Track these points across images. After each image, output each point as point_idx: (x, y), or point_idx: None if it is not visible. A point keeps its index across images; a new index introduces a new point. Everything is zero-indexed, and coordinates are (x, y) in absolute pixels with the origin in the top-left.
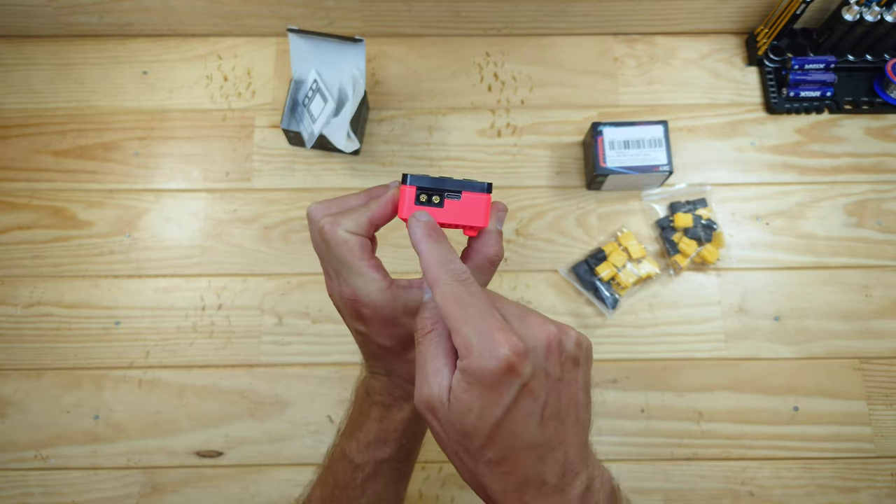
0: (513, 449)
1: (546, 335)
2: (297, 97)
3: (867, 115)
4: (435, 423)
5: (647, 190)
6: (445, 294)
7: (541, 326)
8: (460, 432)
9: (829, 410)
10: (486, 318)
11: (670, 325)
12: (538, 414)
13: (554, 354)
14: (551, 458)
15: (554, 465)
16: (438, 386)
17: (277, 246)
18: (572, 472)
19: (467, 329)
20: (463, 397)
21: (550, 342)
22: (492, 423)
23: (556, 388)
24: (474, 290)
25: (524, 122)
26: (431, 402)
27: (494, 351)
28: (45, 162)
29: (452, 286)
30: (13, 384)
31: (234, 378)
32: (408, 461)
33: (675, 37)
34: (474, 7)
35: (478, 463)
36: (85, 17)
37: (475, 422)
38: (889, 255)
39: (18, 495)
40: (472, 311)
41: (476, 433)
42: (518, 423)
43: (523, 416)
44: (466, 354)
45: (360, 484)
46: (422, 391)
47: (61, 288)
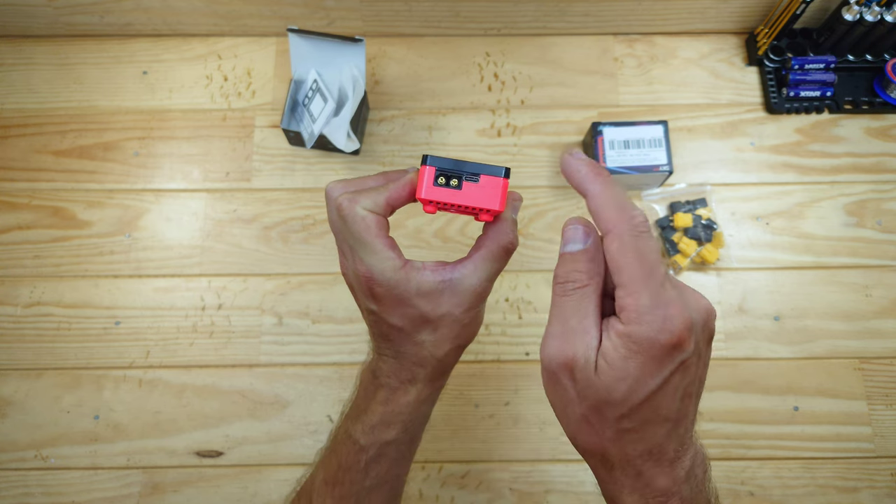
0: (650, 421)
1: (706, 312)
2: (297, 97)
3: (867, 115)
4: (569, 384)
5: (647, 190)
6: (627, 246)
7: (700, 300)
8: (604, 399)
9: (829, 410)
10: (664, 285)
11: None
12: (682, 389)
13: (708, 330)
14: (676, 432)
15: (677, 438)
16: (586, 346)
17: (277, 246)
18: (684, 447)
19: (644, 292)
20: (620, 364)
21: (709, 320)
22: (644, 395)
23: (700, 367)
24: (654, 247)
25: (524, 121)
26: (574, 361)
27: (669, 324)
28: (45, 162)
29: (636, 237)
30: (13, 384)
31: (234, 378)
32: (412, 444)
33: (675, 37)
34: (474, 7)
35: (608, 429)
36: (85, 17)
37: (626, 391)
38: (889, 255)
39: (18, 495)
40: (653, 272)
41: (623, 403)
42: (666, 397)
43: (672, 391)
44: (636, 319)
45: (365, 466)
46: (563, 349)
47: (61, 288)
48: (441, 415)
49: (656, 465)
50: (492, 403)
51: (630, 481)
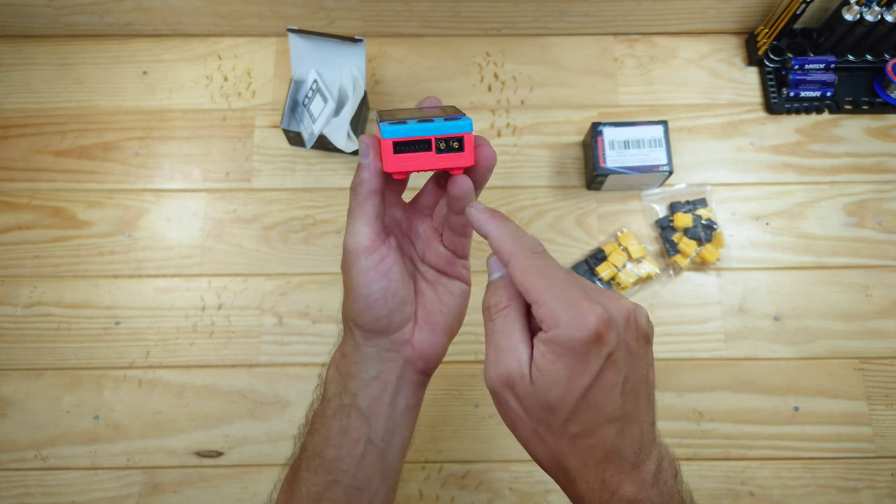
0: (595, 422)
1: (625, 309)
2: (298, 97)
3: (867, 115)
4: (513, 401)
5: (647, 190)
6: (525, 267)
7: (619, 300)
8: (544, 406)
9: (830, 410)
10: (569, 289)
11: (670, 325)
12: (620, 386)
13: (632, 328)
14: (629, 433)
15: (632, 440)
16: (518, 362)
17: (277, 246)
18: (646, 450)
19: (551, 299)
20: (550, 369)
21: (630, 316)
22: (579, 394)
23: (634, 363)
24: (551, 262)
25: (524, 122)
26: (511, 378)
27: (583, 320)
28: (45, 162)
29: (530, 258)
30: (13, 384)
31: (234, 378)
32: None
33: (675, 37)
34: (474, 7)
35: (560, 439)
36: (85, 17)
37: (562, 393)
38: (889, 255)
39: (18, 495)
40: (554, 282)
41: (562, 406)
42: (603, 394)
43: (608, 387)
44: (553, 325)
45: (390, 401)
46: (499, 368)
47: (61, 288)
48: (441, 415)
49: (618, 472)
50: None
51: (597, 494)
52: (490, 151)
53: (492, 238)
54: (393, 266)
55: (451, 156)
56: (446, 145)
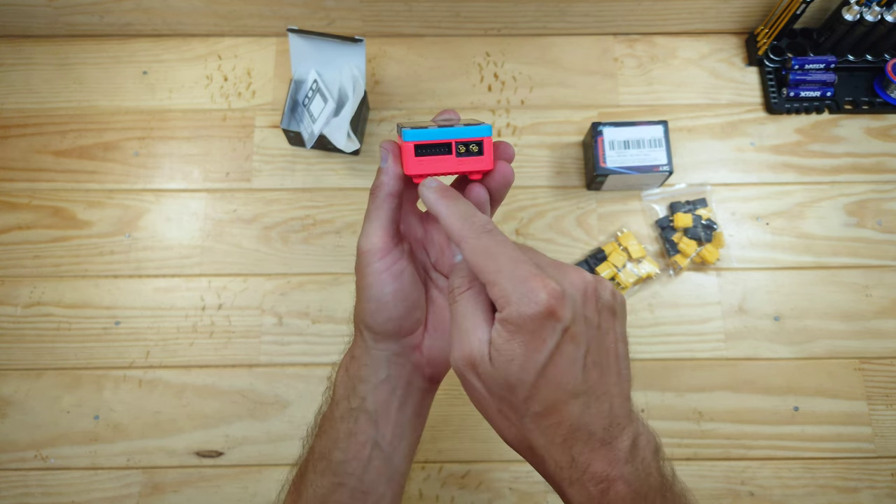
0: (557, 398)
1: (582, 282)
2: (297, 97)
3: (867, 115)
4: (476, 381)
5: (647, 190)
6: (474, 247)
7: (576, 274)
8: (504, 385)
9: (829, 410)
10: (519, 266)
11: (670, 325)
12: (581, 360)
13: (591, 301)
14: (596, 409)
15: (599, 415)
16: (479, 341)
17: (277, 246)
18: (618, 426)
19: (502, 278)
20: (505, 347)
21: (587, 288)
22: (536, 371)
23: (596, 336)
24: (502, 240)
25: (524, 122)
26: (472, 358)
27: (532, 296)
28: (45, 162)
29: (480, 238)
30: (13, 384)
31: (234, 378)
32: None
33: (675, 37)
34: (474, 7)
35: (523, 418)
36: (85, 17)
37: (519, 371)
38: (889, 255)
39: (18, 495)
40: (503, 260)
41: (520, 384)
42: (562, 369)
43: (567, 362)
44: (505, 304)
45: (398, 406)
46: (462, 349)
47: (61, 288)
48: (441, 415)
49: (587, 449)
50: None
51: (567, 472)
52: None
53: (442, 219)
54: (405, 270)
55: (470, 159)
56: (466, 149)
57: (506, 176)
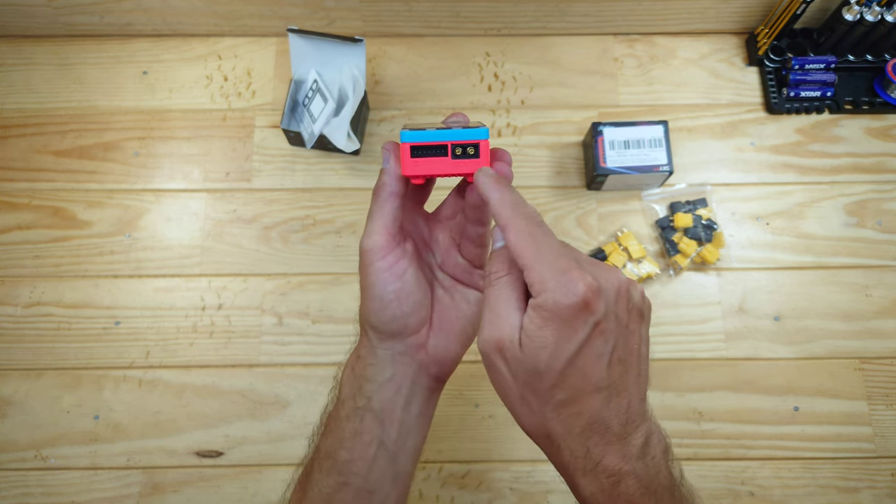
0: (581, 390)
1: (618, 281)
2: (298, 97)
3: (867, 115)
4: (502, 365)
5: (647, 190)
6: (521, 234)
7: (612, 273)
8: (531, 371)
9: (830, 410)
10: (560, 257)
11: (670, 325)
12: (608, 355)
13: (623, 300)
14: (616, 404)
15: (618, 411)
16: (510, 326)
17: (277, 246)
18: (633, 423)
19: (542, 266)
20: (537, 334)
21: (621, 288)
22: (565, 360)
23: (623, 334)
24: (547, 231)
25: (524, 122)
26: (502, 342)
27: (571, 287)
28: (45, 162)
29: (527, 226)
30: (13, 384)
31: (234, 378)
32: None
33: (675, 37)
34: (474, 7)
35: (546, 405)
36: (85, 17)
37: (548, 359)
38: (889, 255)
39: (18, 495)
40: (546, 249)
41: (548, 371)
42: (589, 361)
43: (594, 356)
44: (542, 290)
45: (404, 405)
46: (492, 332)
47: (61, 288)
48: (441, 415)
49: (603, 442)
50: (492, 403)
51: (581, 462)
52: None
53: (493, 204)
54: (408, 269)
55: (466, 162)
56: (462, 151)
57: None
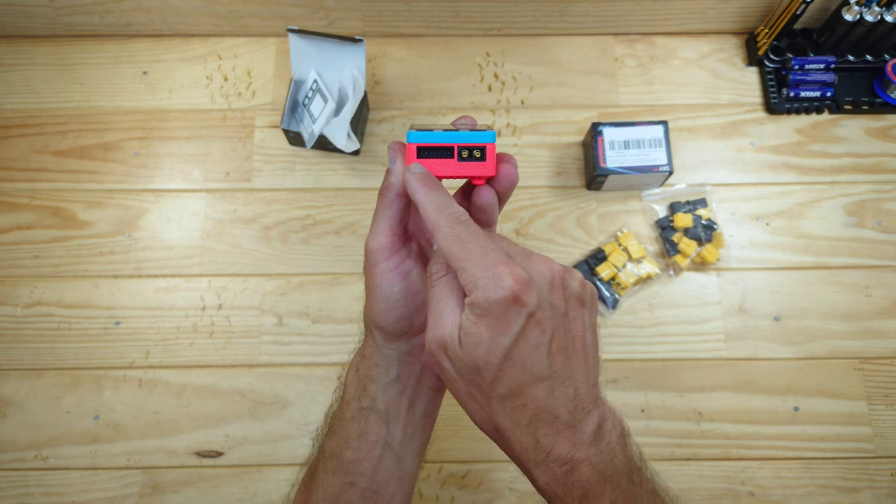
0: (523, 382)
1: (549, 270)
2: (298, 97)
3: (867, 115)
4: (447, 363)
5: (647, 190)
6: (446, 236)
7: (544, 263)
8: (472, 368)
9: (830, 410)
10: (487, 254)
11: (670, 325)
12: (546, 345)
13: (558, 289)
14: (561, 393)
15: (565, 399)
16: (450, 324)
17: (277, 246)
18: (583, 409)
19: (470, 265)
20: (473, 330)
21: (553, 277)
22: (502, 354)
23: (562, 323)
24: (473, 230)
25: (524, 122)
26: (444, 341)
27: (499, 282)
28: (45, 162)
29: (452, 227)
30: (13, 384)
31: (234, 378)
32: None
33: (675, 37)
34: (474, 7)
35: (490, 400)
36: (85, 17)
37: (485, 354)
38: (889, 255)
39: (18, 495)
40: (473, 248)
41: (487, 366)
42: (527, 353)
43: (532, 347)
44: (473, 289)
45: (409, 405)
46: (434, 332)
47: (61, 288)
48: (441, 415)
49: (552, 432)
50: None
51: (532, 454)
52: (512, 171)
53: (420, 207)
54: (413, 269)
55: (472, 164)
56: (469, 154)
57: (510, 178)
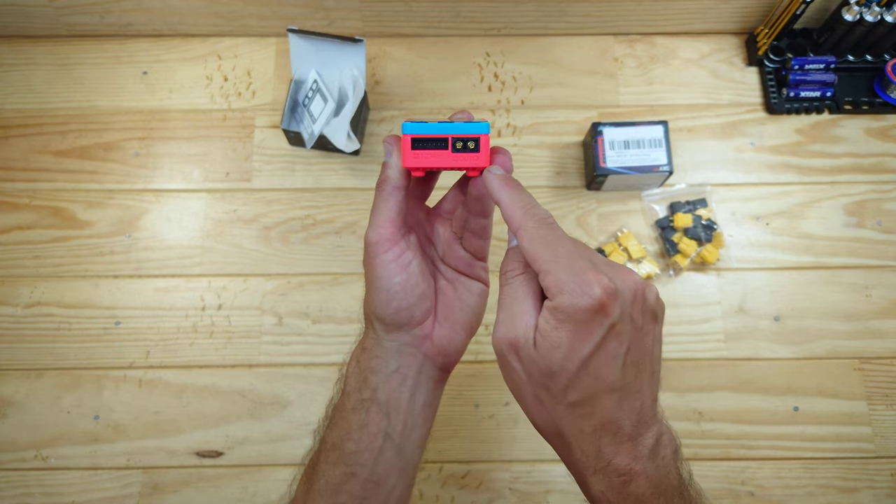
0: (595, 391)
1: (633, 283)
2: (298, 97)
3: (867, 116)
4: (516, 364)
5: (647, 190)
6: (533, 236)
7: (628, 274)
8: (545, 371)
9: (829, 410)
10: (575, 259)
11: (670, 325)
12: (622, 357)
13: (639, 303)
14: (628, 405)
15: (630, 412)
16: (525, 325)
17: (277, 246)
18: (645, 423)
19: (558, 268)
20: (553, 335)
21: (637, 290)
22: (579, 362)
23: (638, 336)
24: (560, 233)
25: (524, 122)
26: (517, 341)
27: (587, 289)
28: (45, 162)
29: (539, 229)
30: (13, 384)
31: (234, 378)
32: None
33: (675, 37)
34: (474, 7)
35: (558, 405)
36: (85, 17)
37: (562, 360)
38: (889, 255)
39: (18, 495)
40: (561, 251)
41: (562, 371)
42: (603, 363)
43: (609, 358)
44: (558, 293)
45: (409, 396)
46: (507, 331)
47: (61, 288)
48: (441, 415)
49: (614, 442)
50: (492, 403)
51: (592, 461)
52: (507, 162)
53: (503, 206)
54: (413, 260)
55: (466, 156)
56: (462, 145)
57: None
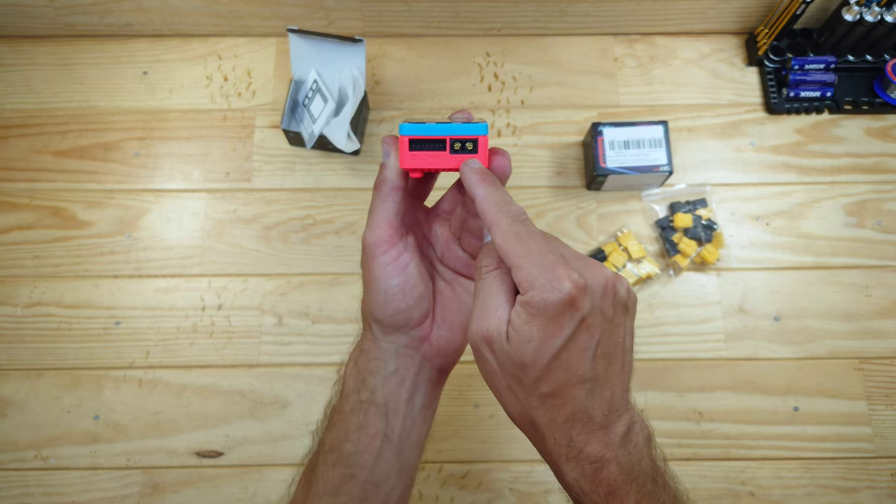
0: (566, 382)
1: (603, 277)
2: (298, 97)
3: (867, 116)
4: (490, 356)
5: (647, 190)
6: (505, 233)
7: (598, 268)
8: (517, 364)
9: (829, 410)
10: (546, 255)
11: (670, 325)
12: (592, 350)
13: (609, 296)
14: (599, 395)
15: (601, 402)
16: (498, 319)
17: (277, 246)
18: (616, 412)
19: (529, 264)
20: (524, 329)
21: (607, 283)
22: (550, 355)
23: (608, 329)
24: (532, 229)
25: (524, 122)
26: (489, 335)
27: (557, 284)
28: (45, 162)
29: (512, 225)
30: (13, 384)
31: (234, 378)
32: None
33: (675, 37)
34: (474, 7)
35: (530, 396)
36: (85, 18)
37: (534, 353)
38: (889, 255)
39: (18, 495)
40: (532, 247)
41: (533, 364)
42: (574, 356)
43: (579, 350)
44: (529, 288)
45: (408, 398)
46: (481, 324)
47: (61, 288)
48: (441, 415)
49: (585, 431)
50: (492, 403)
51: (564, 450)
52: (505, 162)
53: (478, 202)
54: (411, 262)
55: (464, 157)
56: (461, 146)
57: (503, 170)
